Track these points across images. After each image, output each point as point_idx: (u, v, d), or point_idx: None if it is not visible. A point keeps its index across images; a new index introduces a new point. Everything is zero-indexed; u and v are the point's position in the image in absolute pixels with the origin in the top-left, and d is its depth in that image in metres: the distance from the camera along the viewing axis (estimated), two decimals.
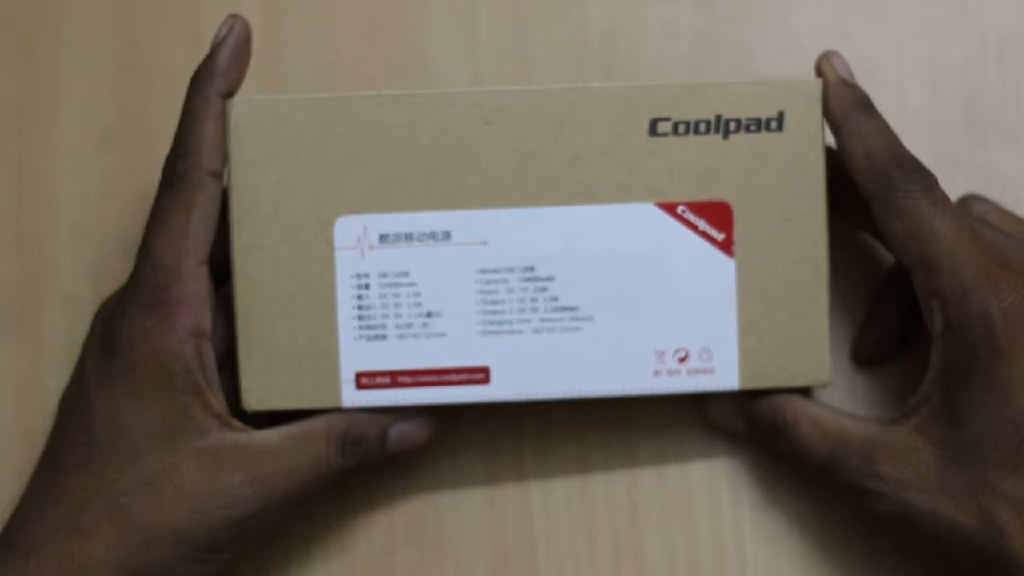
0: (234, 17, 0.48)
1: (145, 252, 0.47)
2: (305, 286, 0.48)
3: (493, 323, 0.48)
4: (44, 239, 0.55)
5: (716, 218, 0.48)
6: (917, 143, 0.48)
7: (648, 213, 0.48)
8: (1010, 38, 0.55)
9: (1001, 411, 0.45)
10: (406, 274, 0.48)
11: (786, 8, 0.55)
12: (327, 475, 0.48)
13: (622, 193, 0.48)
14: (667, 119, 0.48)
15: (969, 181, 0.54)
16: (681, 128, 0.48)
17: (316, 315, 0.48)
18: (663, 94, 0.48)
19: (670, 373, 0.49)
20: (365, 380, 0.49)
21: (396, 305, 0.48)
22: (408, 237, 0.48)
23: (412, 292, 0.48)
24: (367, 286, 0.48)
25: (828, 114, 0.48)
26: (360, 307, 0.48)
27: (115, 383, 0.47)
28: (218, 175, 0.47)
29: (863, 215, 0.48)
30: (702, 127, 0.48)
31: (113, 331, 0.47)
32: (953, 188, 0.53)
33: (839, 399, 0.52)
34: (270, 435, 0.48)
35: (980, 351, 0.45)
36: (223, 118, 0.48)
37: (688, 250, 0.48)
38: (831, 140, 0.48)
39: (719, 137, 0.48)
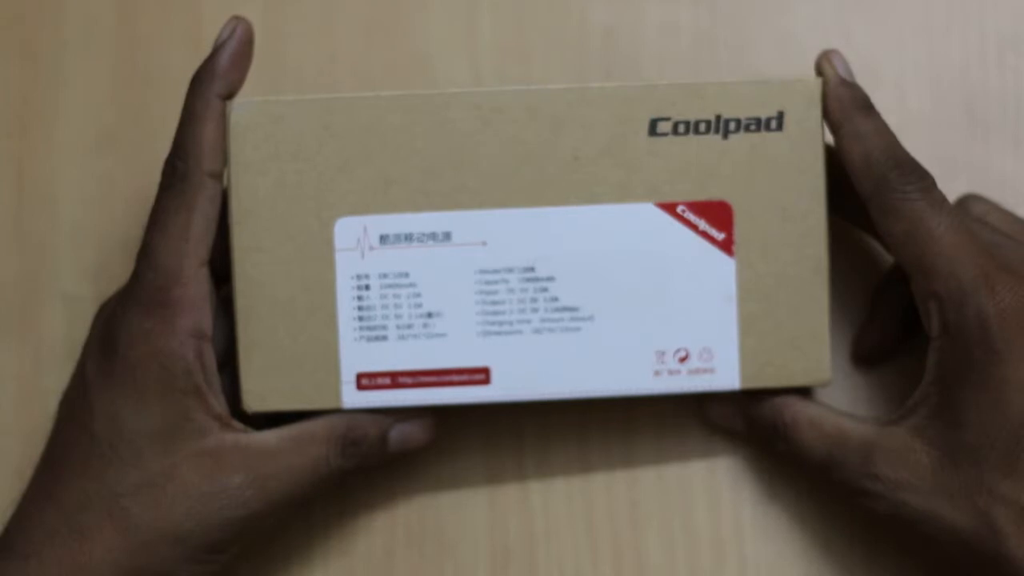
0: (237, 19, 0.48)
1: (145, 253, 0.47)
2: (305, 287, 0.48)
3: (493, 323, 0.48)
4: (44, 239, 0.55)
5: (716, 218, 0.48)
6: (917, 143, 0.48)
7: (648, 213, 0.48)
8: (1010, 38, 0.55)
9: (998, 413, 0.45)
10: (406, 275, 0.48)
11: (786, 8, 0.55)
12: (327, 476, 0.48)
13: (622, 193, 0.48)
14: (667, 119, 0.48)
15: (969, 181, 0.54)
16: (681, 128, 0.48)
17: (316, 316, 0.48)
18: (663, 94, 0.48)
19: (670, 373, 0.49)
20: (365, 381, 0.49)
21: (396, 306, 0.48)
22: (408, 238, 0.48)
23: (412, 293, 0.48)
24: (367, 287, 0.48)
25: (827, 114, 0.48)
26: (360, 308, 0.48)
27: (115, 384, 0.47)
28: (218, 176, 0.47)
29: (863, 215, 0.48)
30: (702, 127, 0.48)
31: (113, 332, 0.47)
32: (953, 188, 0.53)
33: (839, 399, 0.52)
34: (270, 436, 0.48)
35: (977, 353, 0.45)
36: (223, 120, 0.48)
37: (688, 250, 0.48)
38: (831, 139, 0.48)
39: (719, 137, 0.48)
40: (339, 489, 0.52)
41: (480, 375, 0.49)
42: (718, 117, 0.48)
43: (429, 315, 0.48)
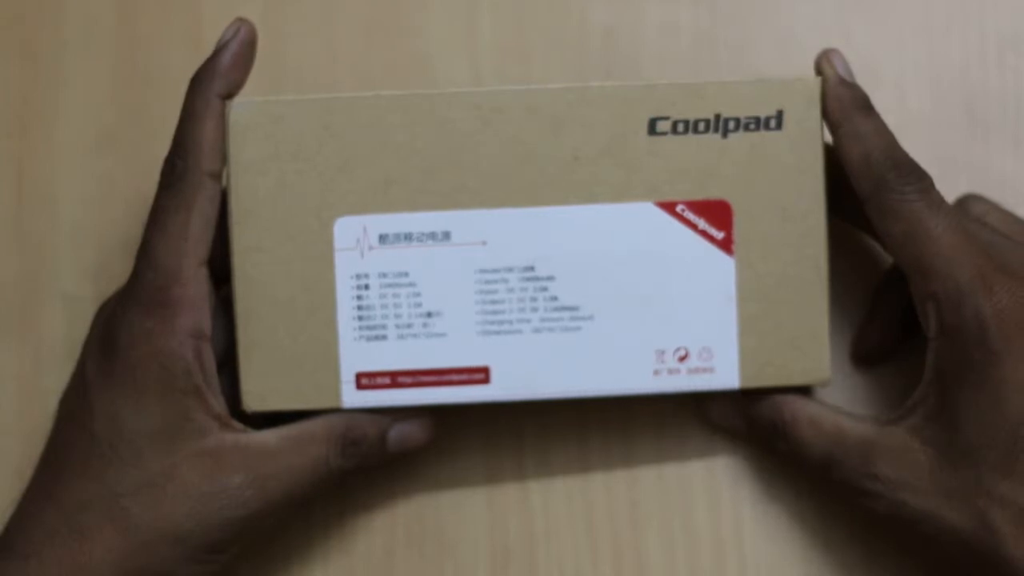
0: (240, 21, 0.48)
1: (145, 253, 0.47)
2: (305, 287, 0.48)
3: (493, 323, 0.49)
4: (44, 239, 0.55)
5: (716, 217, 0.48)
6: (917, 143, 0.48)
7: (648, 212, 0.48)
8: (1010, 38, 0.55)
9: (995, 414, 0.45)
10: (406, 274, 0.48)
11: (786, 8, 0.55)
12: (327, 476, 0.48)
13: (621, 192, 0.48)
14: (666, 118, 0.48)
15: (969, 181, 0.54)
16: (680, 127, 0.48)
17: (316, 316, 0.48)
18: (662, 93, 0.48)
19: (670, 372, 0.49)
20: (365, 380, 0.49)
21: (396, 305, 0.48)
22: (408, 237, 0.48)
23: (412, 292, 0.48)
24: (367, 286, 0.48)
25: (827, 114, 0.48)
26: (360, 307, 0.48)
27: (115, 385, 0.47)
28: (217, 176, 0.47)
29: (862, 215, 0.48)
30: (701, 126, 0.48)
31: (113, 332, 0.47)
32: (953, 188, 0.53)
33: (839, 399, 0.52)
34: (270, 436, 0.48)
35: (974, 353, 0.45)
36: (223, 119, 0.48)
37: (688, 249, 0.48)
38: (831, 139, 0.48)
39: (718, 136, 0.48)
40: (339, 489, 0.52)
41: (480, 374, 0.49)
42: (718, 116, 0.48)
43: (429, 315, 0.48)
